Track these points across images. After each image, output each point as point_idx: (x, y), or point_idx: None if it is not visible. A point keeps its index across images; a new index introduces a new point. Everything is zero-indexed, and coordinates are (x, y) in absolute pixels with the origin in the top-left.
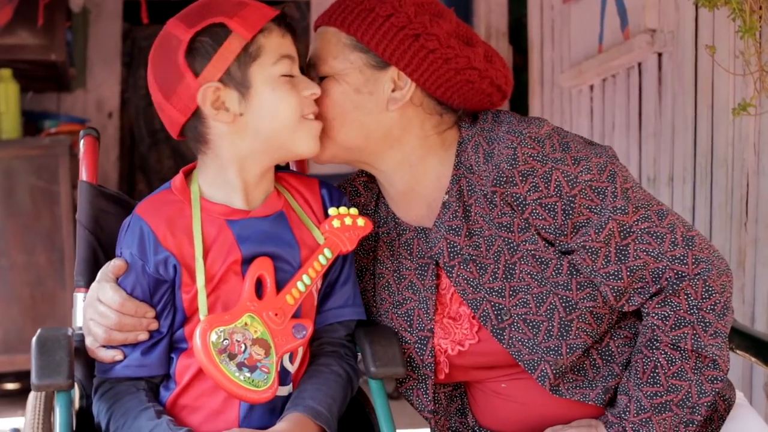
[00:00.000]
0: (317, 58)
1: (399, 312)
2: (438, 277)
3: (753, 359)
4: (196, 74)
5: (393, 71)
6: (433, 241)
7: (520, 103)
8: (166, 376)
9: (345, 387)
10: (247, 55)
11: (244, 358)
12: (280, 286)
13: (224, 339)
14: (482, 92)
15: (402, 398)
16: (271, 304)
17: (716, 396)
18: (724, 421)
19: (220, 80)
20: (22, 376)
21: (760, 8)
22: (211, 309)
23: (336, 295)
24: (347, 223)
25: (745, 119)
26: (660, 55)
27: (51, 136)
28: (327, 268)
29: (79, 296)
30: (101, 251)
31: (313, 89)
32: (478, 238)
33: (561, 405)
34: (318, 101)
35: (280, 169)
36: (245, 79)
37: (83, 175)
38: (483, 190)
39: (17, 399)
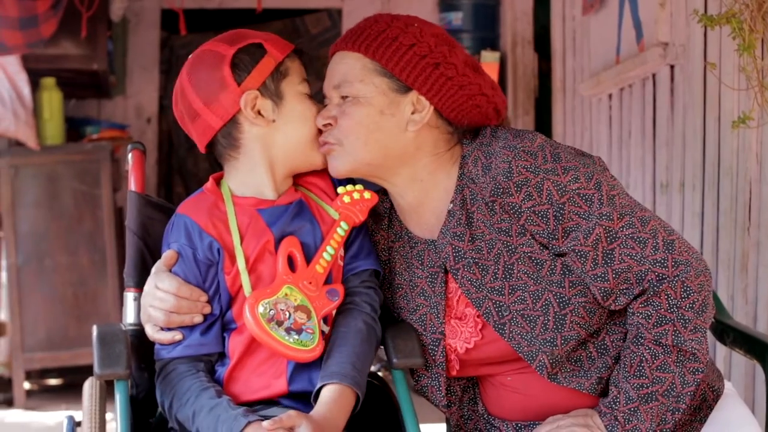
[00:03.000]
0: (343, 80)
1: (413, 317)
2: (446, 283)
3: (747, 355)
4: (238, 84)
5: (413, 95)
6: (440, 246)
7: (545, 109)
8: (221, 355)
9: (366, 338)
10: (279, 73)
11: (291, 324)
12: (308, 259)
13: (270, 309)
14: (485, 115)
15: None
16: (304, 275)
17: (699, 385)
18: (712, 409)
19: (258, 90)
20: (65, 372)
21: (760, 29)
22: (253, 286)
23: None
24: (356, 197)
25: (748, 131)
26: (672, 67)
27: (93, 141)
28: (346, 239)
29: (129, 295)
30: (148, 254)
31: (324, 119)
32: (480, 242)
33: (560, 395)
34: (341, 122)
35: None
36: (278, 91)
37: (132, 185)
38: (484, 199)
39: (59, 394)
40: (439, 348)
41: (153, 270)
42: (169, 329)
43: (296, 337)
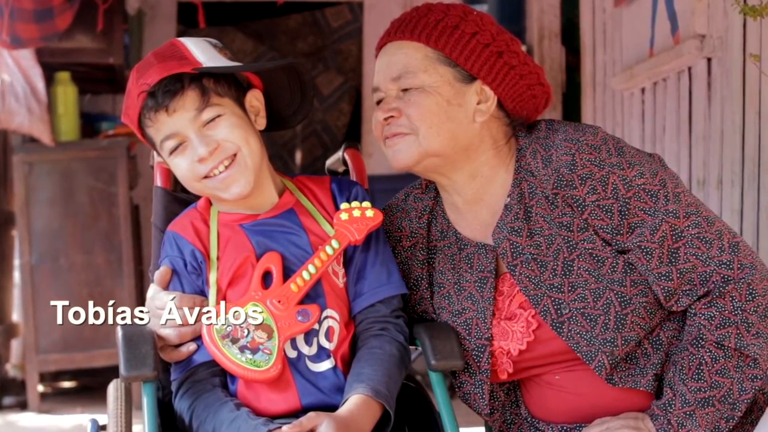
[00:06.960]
0: (404, 71)
1: (458, 320)
2: (495, 288)
3: None
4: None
5: (477, 85)
6: (497, 241)
7: (572, 104)
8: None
9: (399, 365)
10: (149, 142)
11: (247, 342)
12: (291, 273)
13: (228, 326)
14: (537, 106)
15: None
16: (275, 293)
17: (756, 392)
18: (762, 412)
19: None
20: (80, 375)
21: None
22: (231, 298)
23: (369, 278)
24: (355, 215)
25: None
26: (709, 60)
27: (108, 138)
28: (341, 257)
29: None
30: None
31: (200, 153)
32: (539, 238)
33: (612, 395)
34: (410, 111)
35: (300, 174)
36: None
37: (158, 180)
38: (544, 192)
39: (74, 397)
40: (485, 354)
41: (148, 294)
42: (183, 344)
43: (249, 356)
